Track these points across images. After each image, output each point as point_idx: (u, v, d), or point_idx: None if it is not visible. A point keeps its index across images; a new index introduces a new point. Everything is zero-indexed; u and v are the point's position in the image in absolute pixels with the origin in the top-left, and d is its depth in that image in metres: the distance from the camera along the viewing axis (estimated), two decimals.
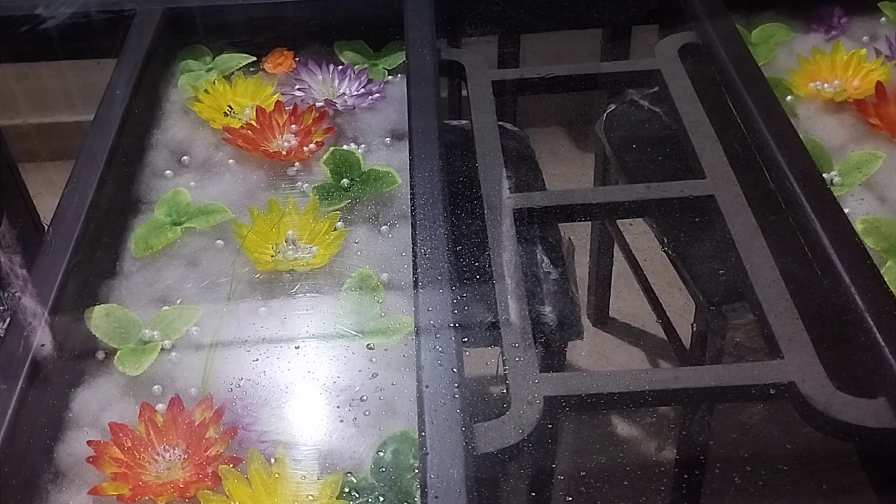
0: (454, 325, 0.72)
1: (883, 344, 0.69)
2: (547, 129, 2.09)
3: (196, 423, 0.70)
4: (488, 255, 0.83)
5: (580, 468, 1.46)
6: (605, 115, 1.24)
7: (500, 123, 0.98)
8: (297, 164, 0.94)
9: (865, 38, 1.06)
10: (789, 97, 0.99)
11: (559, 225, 1.02)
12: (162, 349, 0.76)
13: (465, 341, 0.72)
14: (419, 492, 0.63)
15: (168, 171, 0.94)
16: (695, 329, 1.18)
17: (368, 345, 0.76)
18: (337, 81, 1.04)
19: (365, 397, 0.72)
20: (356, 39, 1.10)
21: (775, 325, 0.75)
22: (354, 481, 0.67)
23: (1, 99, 1.97)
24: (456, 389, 0.67)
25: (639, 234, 1.43)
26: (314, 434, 0.71)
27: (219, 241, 0.86)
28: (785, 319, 0.75)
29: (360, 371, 0.74)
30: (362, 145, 0.97)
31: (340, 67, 1.05)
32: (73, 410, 0.73)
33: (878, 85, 0.95)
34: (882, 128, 0.93)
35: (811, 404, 0.69)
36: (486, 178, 0.89)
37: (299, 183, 0.92)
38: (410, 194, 0.84)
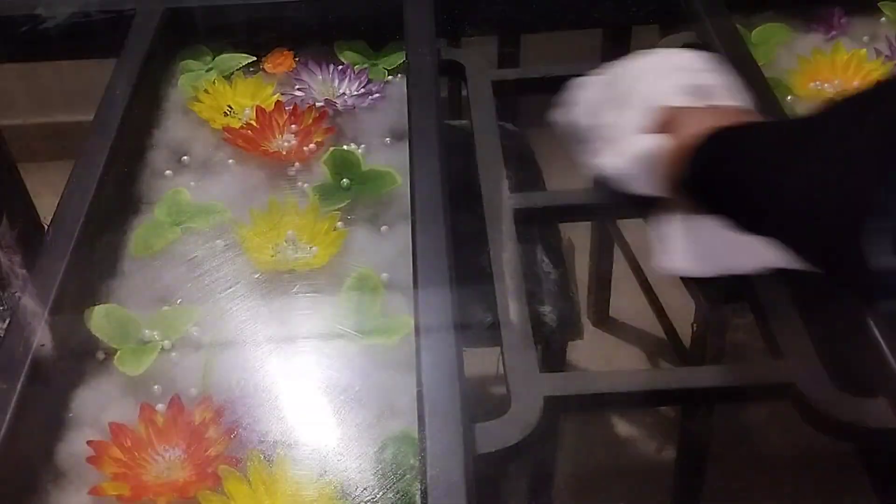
0: (454, 325, 0.72)
1: (883, 344, 0.69)
2: (547, 129, 2.09)
3: (196, 423, 0.70)
4: (488, 255, 0.83)
5: (580, 468, 1.46)
6: None
7: (500, 123, 0.98)
8: (297, 164, 0.94)
9: (865, 38, 1.06)
10: (789, 97, 0.99)
11: (559, 225, 1.02)
12: (162, 349, 0.76)
13: (464, 341, 0.72)
14: (419, 492, 0.63)
15: (168, 171, 0.94)
16: (695, 329, 1.18)
17: (368, 345, 0.76)
18: (337, 81, 1.04)
19: (365, 397, 0.72)
20: (356, 39, 1.10)
21: (775, 325, 0.75)
22: (354, 482, 0.67)
23: (1, 99, 1.97)
24: (456, 389, 0.67)
25: (639, 234, 1.43)
26: (314, 434, 0.71)
27: (219, 241, 0.86)
28: (785, 319, 0.75)
29: (360, 371, 0.74)
30: (362, 145, 0.97)
31: (340, 67, 1.05)
32: (73, 410, 0.73)
33: None
34: None
35: (811, 404, 0.69)
36: (486, 178, 0.89)
37: (299, 183, 0.92)
38: (410, 194, 0.84)
